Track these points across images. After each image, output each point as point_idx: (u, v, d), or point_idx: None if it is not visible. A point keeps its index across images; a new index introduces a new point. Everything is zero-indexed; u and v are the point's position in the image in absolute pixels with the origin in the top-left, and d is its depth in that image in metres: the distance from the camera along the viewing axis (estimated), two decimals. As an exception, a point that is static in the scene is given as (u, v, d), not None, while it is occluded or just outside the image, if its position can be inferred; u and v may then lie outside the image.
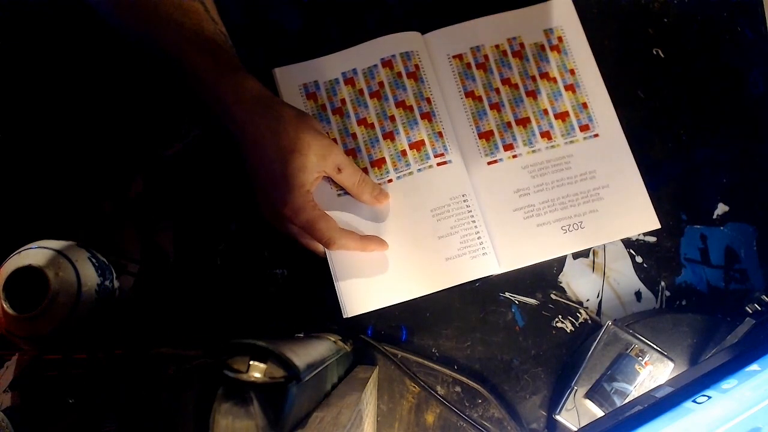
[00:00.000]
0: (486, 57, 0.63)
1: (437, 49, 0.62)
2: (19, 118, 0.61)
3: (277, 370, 0.36)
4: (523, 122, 0.61)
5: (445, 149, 0.59)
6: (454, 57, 0.62)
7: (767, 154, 0.62)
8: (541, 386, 0.56)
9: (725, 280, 0.59)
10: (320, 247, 0.56)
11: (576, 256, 0.59)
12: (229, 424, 0.33)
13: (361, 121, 0.60)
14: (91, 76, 0.62)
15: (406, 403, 0.56)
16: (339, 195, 0.58)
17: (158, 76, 0.61)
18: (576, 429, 0.50)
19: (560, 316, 0.58)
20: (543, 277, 0.59)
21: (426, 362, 0.56)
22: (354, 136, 0.60)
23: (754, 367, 0.37)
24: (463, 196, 0.58)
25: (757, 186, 0.61)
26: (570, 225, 0.58)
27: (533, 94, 0.62)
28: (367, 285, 0.56)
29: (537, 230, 0.58)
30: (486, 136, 0.61)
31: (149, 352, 0.55)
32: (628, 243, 0.60)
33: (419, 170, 0.58)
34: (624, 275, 0.59)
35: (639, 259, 0.59)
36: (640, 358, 0.50)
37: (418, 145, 0.59)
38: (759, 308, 0.51)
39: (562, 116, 0.61)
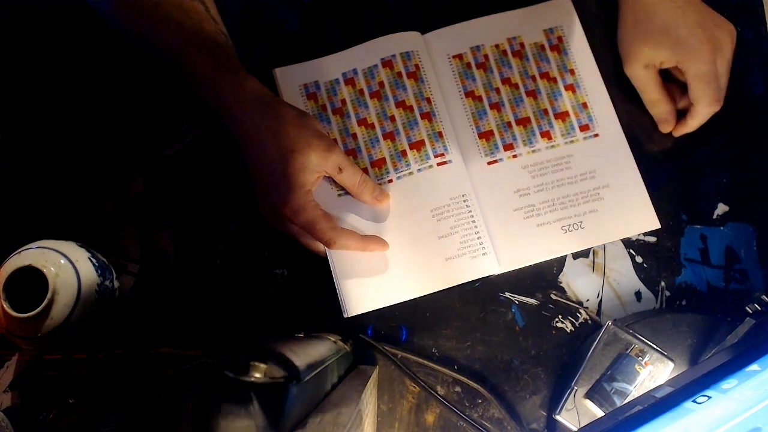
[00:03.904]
0: (486, 57, 0.63)
1: (437, 49, 0.62)
2: (19, 118, 0.61)
3: (277, 370, 0.36)
4: (523, 122, 0.61)
5: (445, 149, 0.59)
6: (454, 57, 0.62)
7: (767, 154, 0.62)
8: (541, 386, 0.56)
9: (725, 280, 0.59)
10: (321, 247, 0.56)
11: (576, 256, 0.59)
12: (229, 424, 0.33)
13: (362, 122, 0.60)
14: (91, 77, 0.62)
15: (406, 403, 0.56)
16: (339, 195, 0.58)
17: (158, 76, 0.61)
18: (576, 429, 0.50)
19: (560, 316, 0.58)
20: (543, 277, 0.59)
21: (426, 362, 0.56)
22: (354, 136, 0.60)
23: (754, 367, 0.37)
24: (463, 196, 0.58)
25: (757, 186, 0.61)
26: (570, 225, 0.58)
27: (533, 94, 0.62)
28: (368, 285, 0.56)
29: (537, 230, 0.58)
30: (486, 136, 0.61)
31: (149, 352, 0.55)
32: (628, 243, 0.60)
33: (419, 170, 0.59)
34: (624, 275, 0.59)
35: (639, 259, 0.59)
36: (640, 358, 0.50)
37: (418, 145, 0.59)
38: (759, 308, 0.51)
39: (562, 116, 0.61)
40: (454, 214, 0.57)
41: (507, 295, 0.58)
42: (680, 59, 0.57)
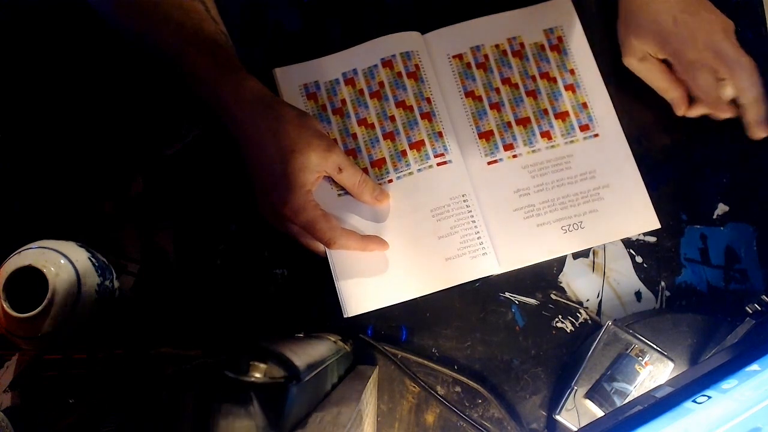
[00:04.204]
0: (486, 57, 0.63)
1: (437, 49, 0.62)
2: (19, 118, 0.61)
3: (277, 370, 0.36)
4: (523, 122, 0.61)
5: (445, 149, 0.59)
6: (454, 57, 0.62)
7: (767, 154, 0.62)
8: (541, 386, 0.56)
9: (725, 280, 0.59)
10: (321, 247, 0.56)
11: (576, 256, 0.59)
12: (229, 424, 0.33)
13: (362, 122, 0.60)
14: (91, 77, 0.62)
15: (406, 403, 0.56)
16: (339, 195, 0.58)
17: (158, 76, 0.61)
18: (576, 429, 0.50)
19: (560, 316, 0.58)
20: (543, 277, 0.59)
21: (426, 362, 0.56)
22: (354, 136, 0.60)
23: (754, 367, 0.37)
24: (463, 196, 0.58)
25: (757, 186, 0.61)
26: (570, 225, 0.58)
27: (533, 94, 0.62)
28: (367, 285, 0.56)
29: (537, 230, 0.58)
30: (486, 136, 0.61)
31: (149, 352, 0.55)
32: (628, 243, 0.60)
33: (419, 170, 0.59)
34: (624, 275, 0.59)
35: (639, 259, 0.59)
36: (640, 358, 0.50)
37: (418, 145, 0.59)
38: (759, 308, 0.51)
39: (562, 116, 0.61)
40: (454, 214, 0.57)
41: (507, 295, 0.58)
42: (668, 52, 0.57)
